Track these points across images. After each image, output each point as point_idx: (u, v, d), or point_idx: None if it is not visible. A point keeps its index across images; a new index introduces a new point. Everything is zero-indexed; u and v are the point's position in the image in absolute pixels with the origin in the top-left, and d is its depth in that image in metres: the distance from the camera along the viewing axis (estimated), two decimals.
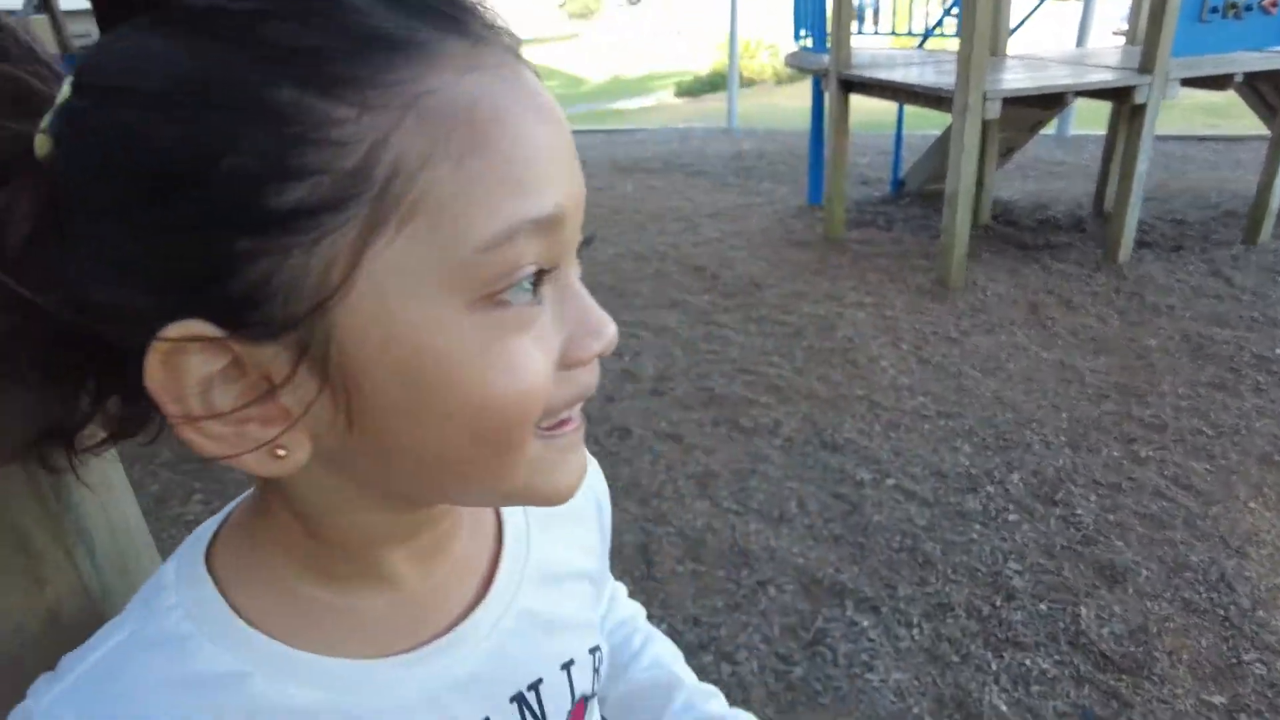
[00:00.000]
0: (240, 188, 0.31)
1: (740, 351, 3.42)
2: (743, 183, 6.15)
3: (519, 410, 0.37)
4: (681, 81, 14.77)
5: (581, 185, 0.39)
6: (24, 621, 0.39)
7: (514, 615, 0.50)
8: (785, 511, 2.39)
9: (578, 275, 0.41)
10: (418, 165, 0.32)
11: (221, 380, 0.34)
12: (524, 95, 0.36)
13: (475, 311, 0.35)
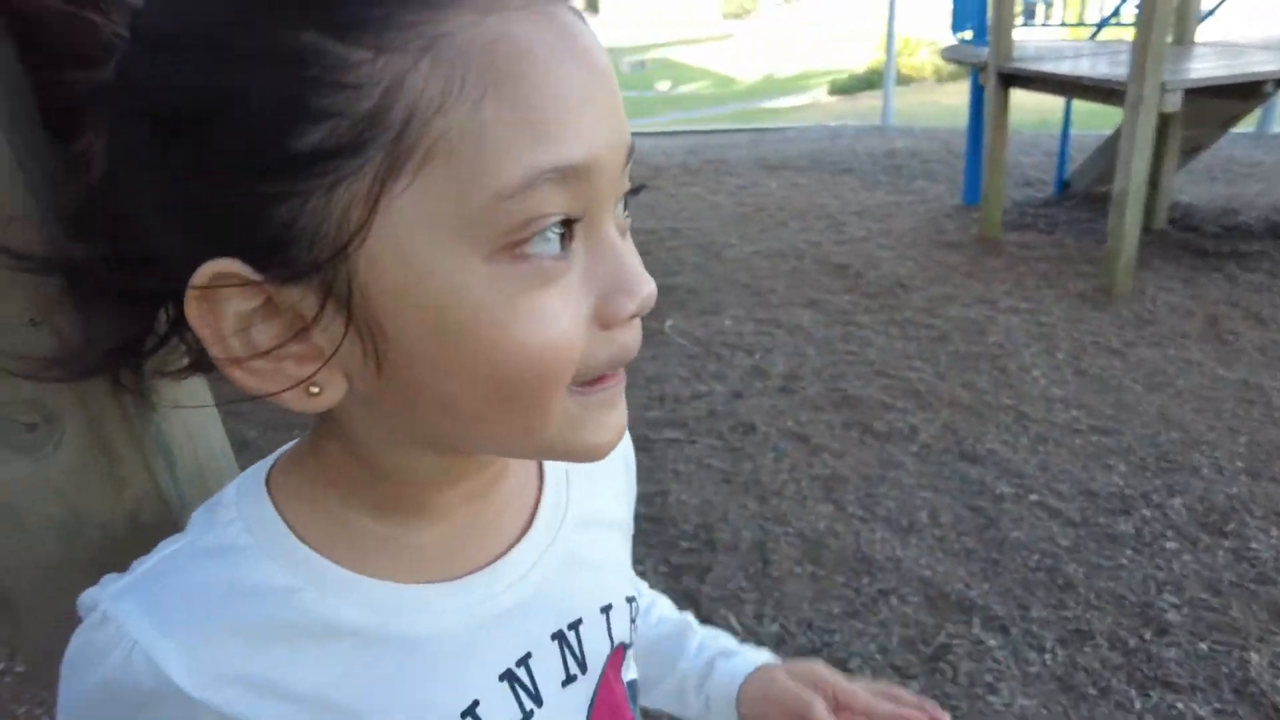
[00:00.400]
0: (260, 130, 0.31)
1: (879, 354, 3.29)
2: (893, 181, 5.92)
3: (543, 368, 0.36)
4: (836, 80, 14.44)
5: (624, 134, 0.37)
6: (108, 520, 0.43)
7: (556, 554, 0.50)
8: (915, 521, 2.28)
9: (619, 229, 0.39)
10: (434, 109, 0.32)
11: (259, 320, 0.35)
12: (554, 36, 0.34)
13: (495, 262, 0.34)
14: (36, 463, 0.41)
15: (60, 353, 0.39)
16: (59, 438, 0.41)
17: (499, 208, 0.33)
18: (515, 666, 0.47)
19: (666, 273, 4.28)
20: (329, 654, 0.41)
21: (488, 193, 0.32)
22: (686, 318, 3.73)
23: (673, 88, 17.10)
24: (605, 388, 0.40)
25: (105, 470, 0.42)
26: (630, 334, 0.39)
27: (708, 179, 6.43)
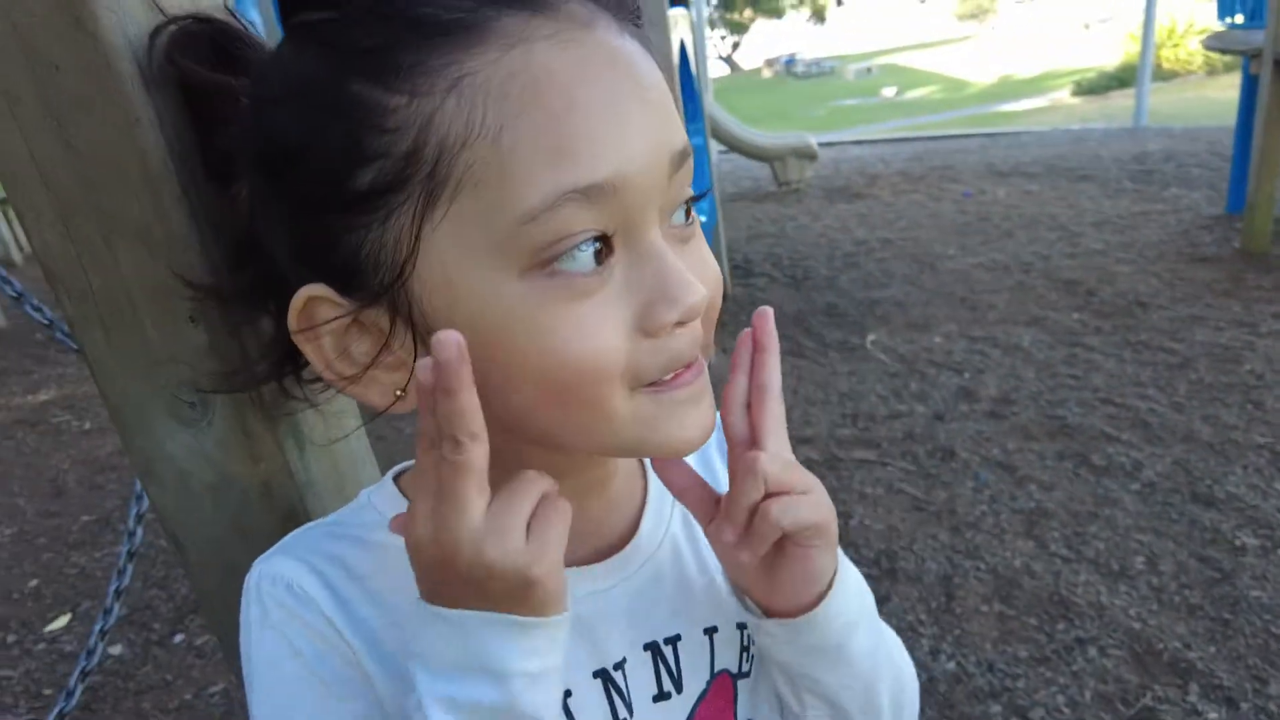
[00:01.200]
0: (327, 172, 0.37)
1: (1106, 379, 2.98)
2: (1141, 188, 5.32)
3: (584, 375, 0.38)
4: (1083, 79, 13.15)
5: (668, 144, 0.38)
6: (247, 486, 0.52)
7: (656, 565, 0.52)
8: (1128, 566, 2.04)
9: (676, 237, 0.41)
10: (459, 144, 0.35)
11: (353, 337, 0.42)
12: (579, 60, 0.36)
13: (529, 279, 0.37)
14: (195, 435, 0.51)
15: (213, 350, 0.49)
16: (211, 417, 0.50)
17: (524, 230, 0.36)
18: (612, 669, 0.49)
19: (872, 285, 4.15)
20: None
21: (512, 217, 0.36)
22: (890, 333, 3.59)
23: (899, 93, 16.44)
24: (678, 386, 0.41)
25: (244, 447, 0.51)
26: (683, 339, 0.40)
27: (930, 186, 6.14)
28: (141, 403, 0.51)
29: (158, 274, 0.46)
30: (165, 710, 1.89)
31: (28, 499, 2.99)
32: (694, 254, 0.43)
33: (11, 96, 0.43)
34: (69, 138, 0.44)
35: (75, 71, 0.42)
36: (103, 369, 0.51)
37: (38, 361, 4.50)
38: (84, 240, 0.46)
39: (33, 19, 0.41)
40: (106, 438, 3.45)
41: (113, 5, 0.41)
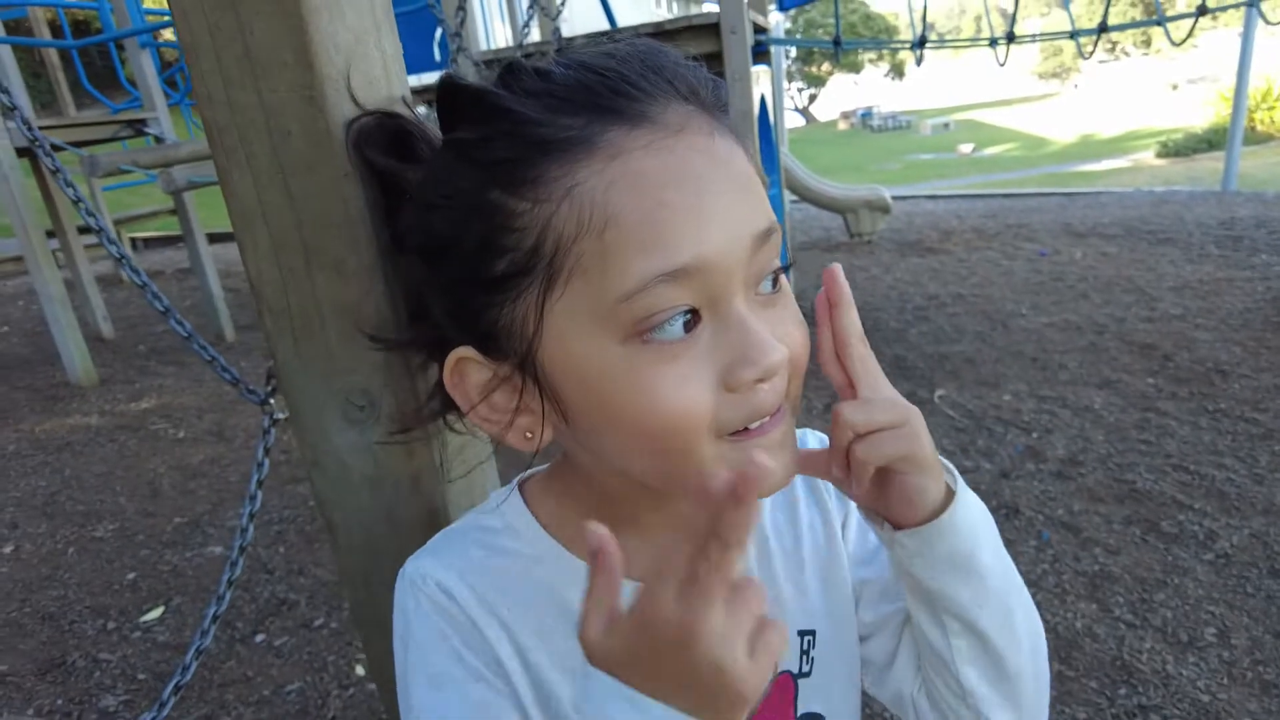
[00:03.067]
0: (471, 261, 0.48)
1: (1180, 446, 2.93)
2: (1227, 254, 5.19)
3: (673, 426, 0.46)
4: (1170, 140, 12.87)
5: (749, 226, 0.47)
6: (399, 478, 0.62)
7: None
8: (1198, 637, 2.01)
9: (760, 303, 0.49)
10: (571, 240, 0.45)
11: (496, 389, 0.52)
12: (666, 165, 0.45)
13: (628, 345, 0.46)
14: (360, 433, 0.61)
15: (386, 365, 0.60)
16: (377, 418, 0.60)
17: (622, 307, 0.45)
18: None
19: (942, 340, 4.14)
20: (540, 611, 0.55)
21: (612, 297, 0.45)
22: (959, 389, 3.59)
23: (976, 149, 16.32)
24: (760, 434, 0.48)
25: (402, 445, 0.61)
26: (764, 394, 0.47)
27: (1004, 243, 6.10)
28: (318, 403, 0.61)
29: (347, 298, 0.57)
30: (246, 703, 2.01)
31: (128, 498, 3.20)
32: (781, 316, 0.50)
33: (250, 152, 0.54)
34: (290, 187, 0.55)
35: (303, 136, 0.53)
36: (288, 372, 0.61)
37: (140, 372, 4.81)
38: (289, 268, 0.57)
39: (276, 94, 0.52)
40: (198, 446, 3.68)
41: (337, 85, 0.53)
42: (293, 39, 0.51)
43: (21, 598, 2.55)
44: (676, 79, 0.49)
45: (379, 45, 0.56)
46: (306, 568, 2.61)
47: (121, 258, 1.38)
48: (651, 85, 0.47)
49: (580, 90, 0.47)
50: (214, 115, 0.54)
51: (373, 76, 0.56)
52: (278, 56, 0.51)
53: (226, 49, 0.52)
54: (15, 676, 2.16)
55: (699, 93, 0.50)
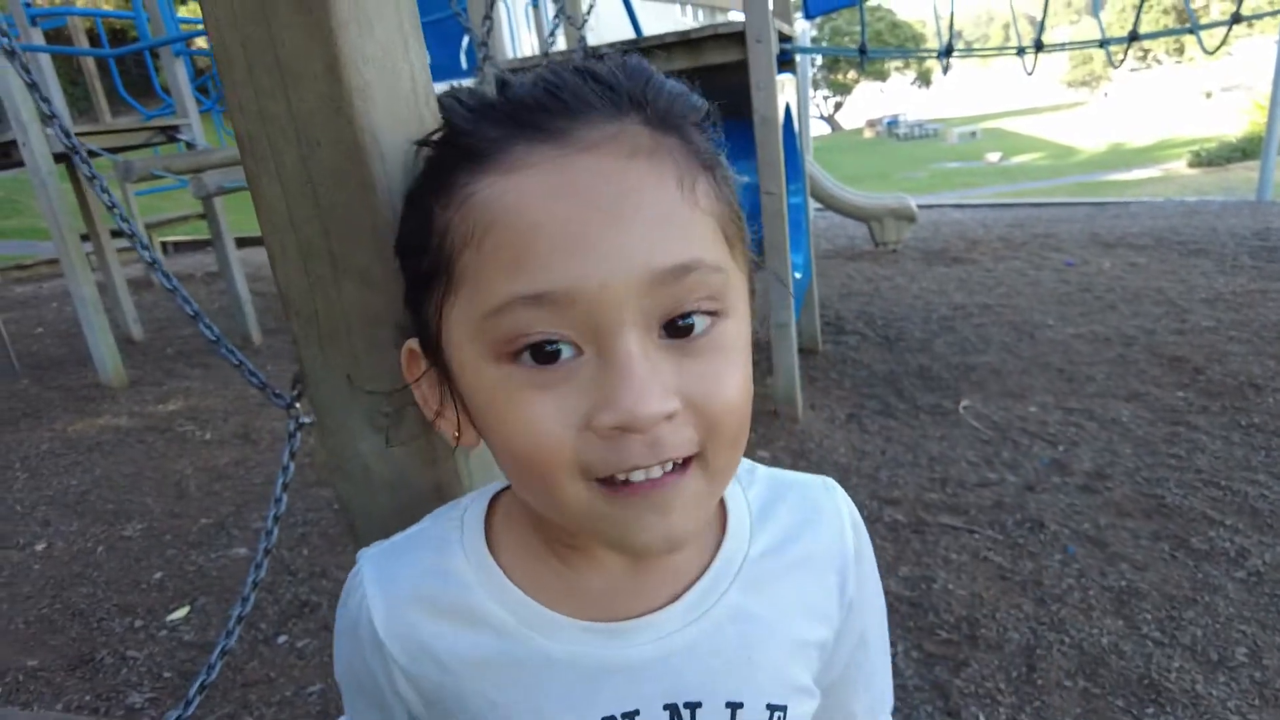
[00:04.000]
0: (408, 256, 0.50)
1: (1211, 461, 2.88)
2: (1261, 265, 5.10)
3: (531, 457, 0.44)
4: (1203, 148, 12.68)
5: (643, 262, 0.42)
6: (421, 486, 0.63)
7: (696, 632, 0.53)
8: (1228, 657, 1.97)
9: (655, 345, 0.44)
10: (460, 248, 0.45)
11: (430, 385, 0.53)
12: (554, 186, 0.42)
13: (500, 366, 0.45)
14: (385, 440, 0.62)
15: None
16: (401, 424, 0.61)
17: (488, 323, 0.44)
18: (620, 717, 0.52)
19: (968, 350, 4.11)
20: (478, 643, 0.53)
21: (480, 312, 0.44)
22: (985, 400, 3.55)
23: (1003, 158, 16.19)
24: (634, 493, 0.44)
25: (425, 451, 0.62)
26: (633, 445, 0.43)
27: (1031, 253, 6.04)
28: (343, 408, 0.62)
29: (373, 306, 0.58)
30: (269, 704, 2.03)
31: (156, 499, 3.25)
32: (699, 365, 0.45)
33: (279, 162, 0.55)
34: (319, 197, 0.56)
35: (332, 146, 0.54)
36: (314, 378, 0.62)
37: (168, 374, 4.88)
38: (317, 276, 0.58)
39: (305, 104, 0.53)
40: (224, 449, 3.73)
41: (366, 95, 0.53)
42: (322, 51, 0.52)
43: (53, 594, 2.60)
44: (621, 95, 0.46)
45: (406, 58, 0.57)
46: (329, 570, 2.64)
47: (153, 262, 1.40)
48: (585, 101, 0.45)
49: (514, 104, 0.46)
50: (245, 124, 0.55)
51: (400, 89, 0.57)
52: (308, 68, 0.52)
53: (258, 60, 0.53)
54: (46, 672, 2.20)
55: (649, 111, 0.46)
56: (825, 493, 0.60)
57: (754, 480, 0.60)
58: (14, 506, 3.27)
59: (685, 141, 0.47)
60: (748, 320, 0.50)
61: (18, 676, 2.19)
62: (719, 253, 0.46)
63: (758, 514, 0.58)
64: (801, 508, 0.59)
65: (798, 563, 0.57)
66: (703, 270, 0.44)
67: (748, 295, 0.51)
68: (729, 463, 0.48)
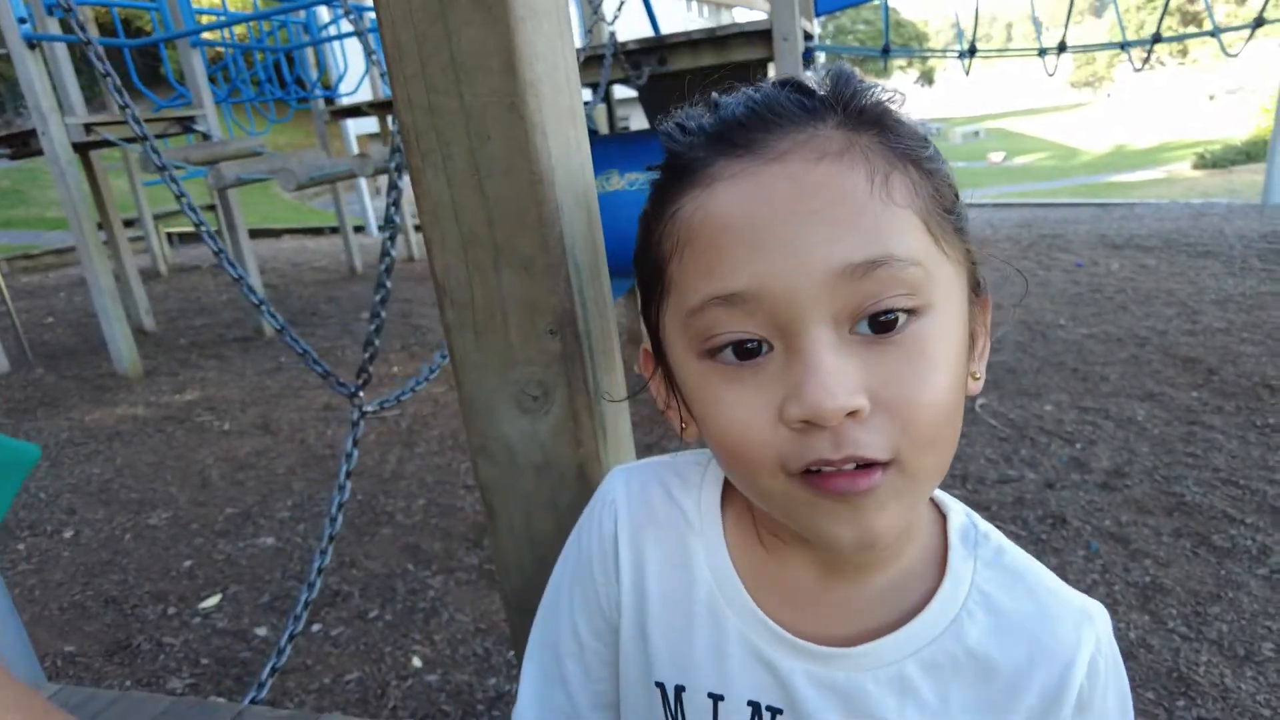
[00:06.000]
0: (639, 270, 0.53)
1: (1229, 460, 2.92)
2: (1271, 268, 5.15)
3: (733, 445, 0.47)
4: (1208, 150, 12.74)
5: (827, 258, 0.43)
6: (565, 467, 0.66)
7: (883, 677, 0.52)
8: (1255, 651, 2.00)
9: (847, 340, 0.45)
10: (669, 258, 0.49)
11: (655, 377, 0.56)
12: (742, 193, 0.45)
13: (701, 360, 0.48)
14: (533, 422, 0.64)
15: (564, 357, 0.63)
16: (549, 408, 0.63)
17: (689, 322, 0.48)
18: (765, 709, 0.54)
19: None
20: (677, 586, 0.57)
21: (683, 312, 0.48)
22: (1001, 398, 3.59)
23: (1007, 159, 16.23)
24: (830, 485, 0.45)
25: (571, 433, 0.64)
26: (818, 441, 0.44)
27: (1039, 254, 6.08)
28: (492, 392, 0.64)
29: (531, 294, 0.60)
30: (307, 691, 2.06)
31: (179, 488, 3.27)
32: (891, 362, 0.45)
33: (447, 154, 0.57)
34: (484, 188, 0.58)
35: (502, 140, 0.56)
36: (465, 363, 0.64)
37: (182, 365, 4.89)
38: (476, 264, 0.60)
39: (478, 99, 0.55)
40: (244, 439, 3.74)
41: (537, 91, 0.55)
42: (499, 47, 0.54)
43: (84, 581, 2.62)
44: (818, 101, 0.48)
45: (564, 54, 0.59)
46: (359, 560, 2.66)
47: (220, 251, 1.42)
48: (779, 112, 0.47)
49: (719, 123, 0.49)
50: (413, 119, 0.57)
51: (560, 84, 0.59)
52: (483, 63, 0.54)
53: (433, 57, 0.55)
54: (84, 657, 2.22)
55: (846, 112, 0.48)
56: (1072, 616, 0.53)
57: (996, 563, 0.55)
58: (38, 494, 3.28)
59: (883, 138, 0.47)
60: (959, 316, 0.49)
61: (56, 661, 2.21)
62: (917, 246, 0.46)
63: (975, 600, 0.53)
64: (1030, 619, 0.53)
65: (991, 671, 0.52)
66: (894, 265, 0.44)
67: (963, 289, 0.50)
68: (929, 467, 0.47)
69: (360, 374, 1.41)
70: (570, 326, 0.61)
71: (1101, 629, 0.53)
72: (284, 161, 3.91)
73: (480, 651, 2.16)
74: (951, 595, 0.53)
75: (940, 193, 0.49)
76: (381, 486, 3.17)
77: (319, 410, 4.04)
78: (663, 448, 3.20)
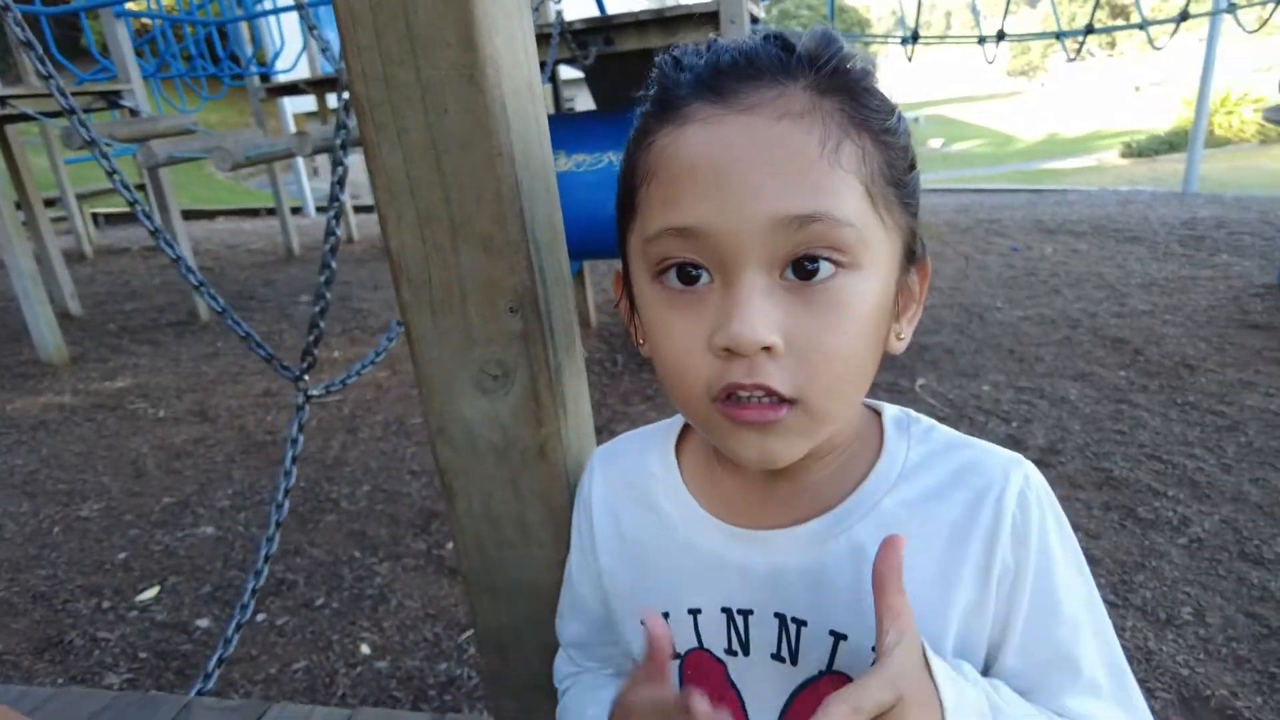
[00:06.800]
0: (619, 187, 0.56)
1: (1153, 436, 3.05)
2: (1191, 253, 5.38)
3: (670, 366, 0.53)
4: (1133, 140, 13.21)
5: (772, 209, 0.48)
6: (526, 448, 0.66)
7: (815, 556, 0.57)
8: (1175, 616, 2.11)
9: (778, 285, 0.49)
10: (639, 185, 0.53)
11: (623, 297, 0.60)
12: (708, 139, 0.49)
13: (654, 284, 0.53)
14: (492, 403, 0.64)
15: (525, 335, 0.63)
16: (510, 388, 0.63)
17: (647, 247, 0.52)
18: (736, 612, 0.60)
19: (921, 331, 4.23)
20: (647, 524, 0.64)
21: (643, 236, 0.52)
22: (940, 378, 3.68)
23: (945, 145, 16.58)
24: (741, 413, 0.50)
25: (532, 413, 0.64)
26: (734, 368, 0.49)
27: (977, 239, 6.23)
28: (451, 373, 0.63)
29: (491, 272, 0.59)
30: (253, 681, 2.01)
31: (112, 478, 3.15)
32: (810, 317, 0.49)
33: (402, 128, 0.56)
34: (441, 164, 0.56)
35: (459, 114, 0.55)
36: (422, 342, 0.63)
37: (112, 350, 4.71)
38: (434, 242, 0.59)
39: (436, 72, 0.54)
40: (180, 427, 3.62)
41: (496, 65, 0.54)
42: (458, 18, 0.53)
43: (9, 577, 2.51)
44: (795, 60, 0.50)
45: (522, 27, 0.58)
46: (303, 548, 2.61)
47: (156, 231, 1.37)
48: (759, 66, 0.50)
49: (708, 67, 0.52)
50: (367, 91, 0.56)
51: (517, 58, 0.58)
52: (440, 36, 0.53)
53: (388, 27, 0.54)
54: (11, 655, 2.13)
55: (818, 75, 0.50)
56: (999, 463, 0.58)
57: (927, 438, 0.60)
58: None
59: (845, 105, 0.50)
60: (884, 280, 0.53)
61: None
62: (854, 210, 0.50)
63: (910, 467, 0.58)
64: (960, 472, 0.58)
65: (934, 522, 0.57)
66: (827, 222, 0.48)
67: (894, 255, 0.53)
68: (830, 410, 0.52)
69: (305, 357, 1.38)
70: (531, 305, 0.60)
71: (1031, 472, 0.58)
72: (219, 140, 3.78)
73: (430, 637, 2.15)
74: (888, 467, 0.59)
75: (892, 163, 0.52)
76: (325, 473, 3.10)
77: (258, 396, 3.93)
78: (611, 430, 3.20)
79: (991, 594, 0.56)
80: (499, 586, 0.69)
